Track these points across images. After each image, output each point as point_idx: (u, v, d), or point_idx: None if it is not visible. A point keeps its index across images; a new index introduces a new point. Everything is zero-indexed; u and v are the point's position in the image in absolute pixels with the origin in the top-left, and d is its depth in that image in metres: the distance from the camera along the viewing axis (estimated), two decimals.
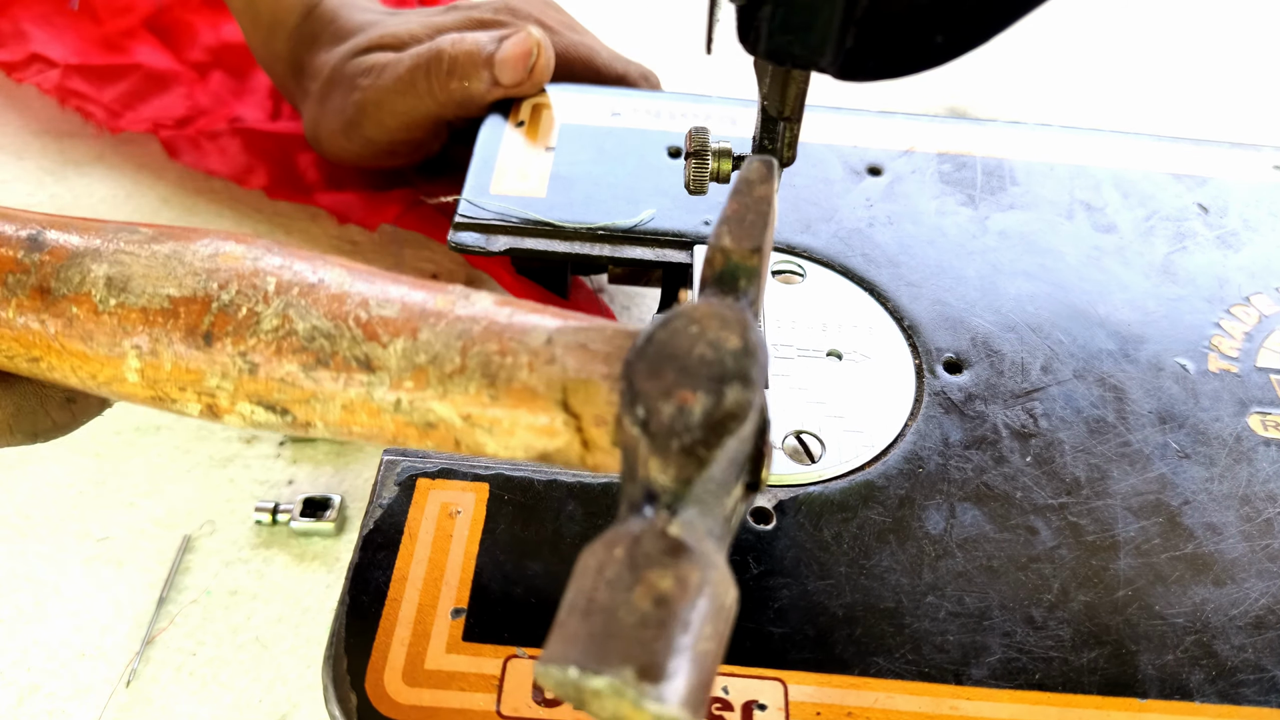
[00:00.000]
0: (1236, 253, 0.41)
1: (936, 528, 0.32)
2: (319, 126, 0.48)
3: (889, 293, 0.39)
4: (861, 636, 0.29)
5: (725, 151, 0.32)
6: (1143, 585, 0.31)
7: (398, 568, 0.30)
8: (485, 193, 0.41)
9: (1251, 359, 0.37)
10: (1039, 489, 0.33)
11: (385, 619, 0.29)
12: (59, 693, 0.35)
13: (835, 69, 0.24)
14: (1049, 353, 0.37)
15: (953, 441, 0.34)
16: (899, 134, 0.45)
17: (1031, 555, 0.31)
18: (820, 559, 0.31)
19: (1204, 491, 0.33)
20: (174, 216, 0.52)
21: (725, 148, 0.32)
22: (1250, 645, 0.30)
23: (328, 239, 0.51)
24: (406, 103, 0.45)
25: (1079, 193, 0.43)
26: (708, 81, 0.56)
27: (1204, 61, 0.69)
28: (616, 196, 0.41)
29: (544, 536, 0.31)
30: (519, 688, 0.28)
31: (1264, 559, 0.32)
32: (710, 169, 0.32)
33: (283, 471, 0.41)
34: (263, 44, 0.50)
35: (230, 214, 0.52)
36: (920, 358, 0.36)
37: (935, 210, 0.42)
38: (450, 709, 0.27)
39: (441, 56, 0.44)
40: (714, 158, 0.32)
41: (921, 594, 0.30)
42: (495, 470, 0.32)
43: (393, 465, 0.32)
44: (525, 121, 0.45)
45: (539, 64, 0.44)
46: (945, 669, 0.29)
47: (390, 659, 0.28)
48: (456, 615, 0.29)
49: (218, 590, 0.37)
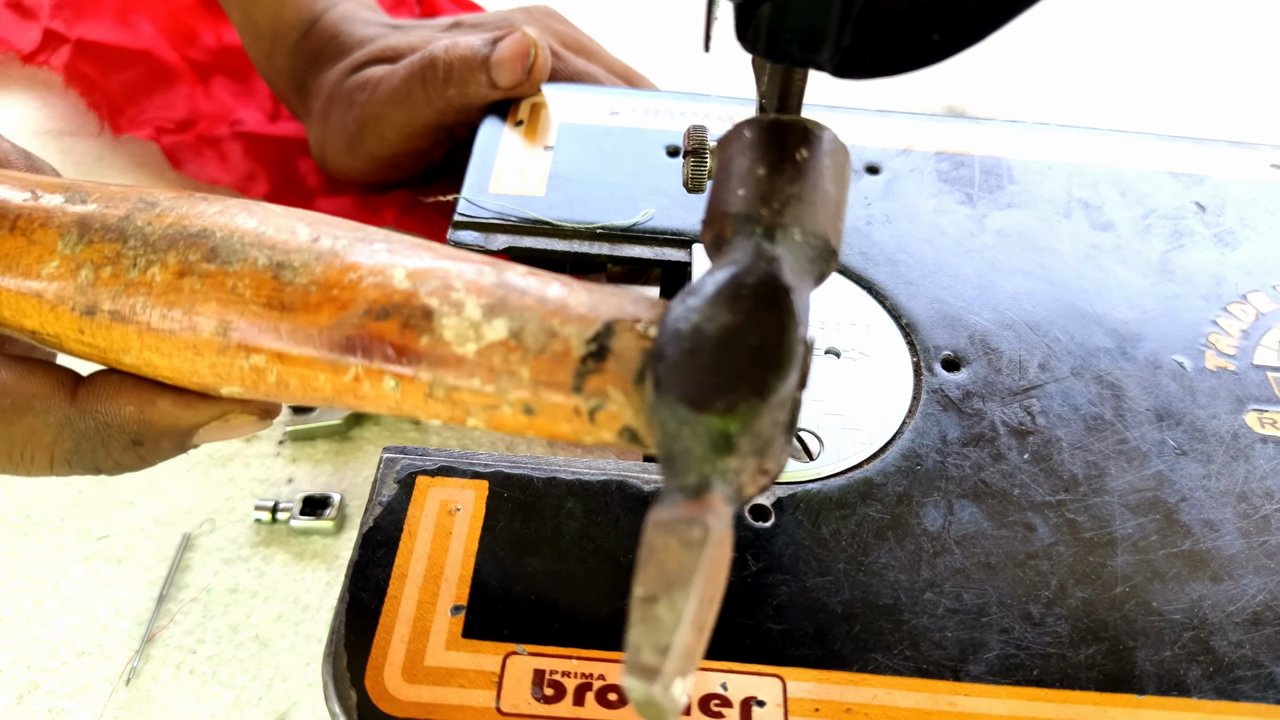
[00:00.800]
0: (1234, 251, 0.41)
1: (935, 525, 0.32)
2: (324, 146, 0.48)
3: (887, 291, 0.39)
4: (860, 633, 0.29)
5: None
6: (1140, 582, 0.31)
7: (397, 565, 0.30)
8: (484, 192, 0.41)
9: (1248, 356, 0.37)
10: (1037, 486, 0.33)
11: (385, 616, 0.29)
12: (59, 690, 0.35)
13: (832, 67, 0.25)
14: (1046, 350, 0.37)
15: (950, 439, 0.34)
16: (897, 133, 0.45)
17: (1029, 552, 0.31)
18: (819, 556, 0.31)
19: (1201, 488, 0.33)
20: None
21: None
22: (1247, 641, 0.30)
23: None
24: (404, 113, 0.44)
25: (1077, 191, 0.43)
26: (706, 80, 0.56)
27: (1201, 60, 0.69)
28: (615, 195, 0.41)
29: (543, 534, 0.31)
30: (518, 684, 0.28)
31: (1261, 555, 0.32)
32: (709, 167, 0.32)
33: (282, 470, 0.41)
34: (264, 58, 0.50)
35: None
36: (918, 355, 0.37)
37: (933, 209, 0.42)
38: (450, 705, 0.27)
39: (436, 63, 0.43)
40: (712, 156, 0.32)
41: (920, 591, 0.30)
42: (494, 468, 0.32)
43: (392, 463, 0.32)
44: (524, 121, 0.45)
45: (537, 64, 0.44)
46: (943, 665, 0.29)
47: (390, 656, 0.28)
48: (456, 612, 0.29)
49: (217, 588, 0.37)
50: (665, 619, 0.19)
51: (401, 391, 0.25)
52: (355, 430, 0.42)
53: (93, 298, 0.26)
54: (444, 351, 0.24)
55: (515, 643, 0.29)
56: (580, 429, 0.24)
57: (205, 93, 0.55)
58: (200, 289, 0.26)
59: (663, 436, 0.22)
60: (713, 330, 0.22)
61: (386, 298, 0.25)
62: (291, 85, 0.49)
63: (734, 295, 0.22)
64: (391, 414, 0.26)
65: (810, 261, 0.24)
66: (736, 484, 0.22)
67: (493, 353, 0.24)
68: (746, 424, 0.21)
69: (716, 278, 0.23)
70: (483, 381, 0.24)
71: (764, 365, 0.21)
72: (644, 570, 0.20)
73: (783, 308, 0.22)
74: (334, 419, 0.42)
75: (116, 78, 0.54)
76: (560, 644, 0.28)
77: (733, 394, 0.21)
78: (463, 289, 0.25)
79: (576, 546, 0.31)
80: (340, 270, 0.25)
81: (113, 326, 0.26)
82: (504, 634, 0.29)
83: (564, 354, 0.24)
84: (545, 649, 0.28)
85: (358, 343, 0.25)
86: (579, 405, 0.24)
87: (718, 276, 0.23)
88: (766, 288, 0.23)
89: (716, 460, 0.21)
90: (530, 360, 0.24)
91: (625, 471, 0.33)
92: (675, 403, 0.21)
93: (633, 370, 0.23)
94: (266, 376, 0.26)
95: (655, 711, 0.19)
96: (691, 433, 0.21)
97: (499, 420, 0.25)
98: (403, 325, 0.24)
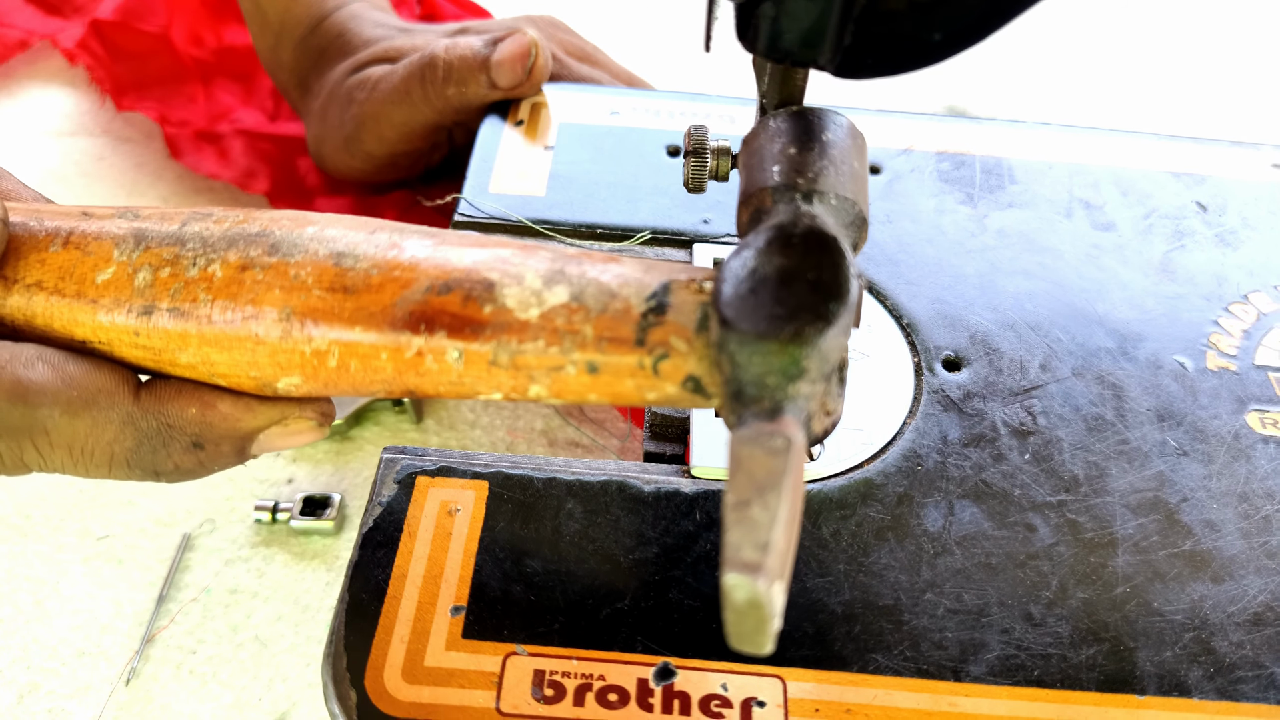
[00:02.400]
0: (1235, 251, 0.41)
1: (935, 525, 0.32)
2: (322, 144, 0.48)
3: (887, 291, 0.39)
4: (860, 634, 0.29)
5: (724, 150, 0.32)
6: (1141, 582, 0.31)
7: (397, 565, 0.30)
8: (484, 192, 0.41)
9: (1250, 357, 0.37)
10: (1037, 486, 0.33)
11: (385, 616, 0.29)
12: (59, 691, 0.35)
13: (833, 67, 0.25)
14: (1048, 350, 0.37)
15: (951, 439, 0.34)
16: (898, 133, 0.45)
17: (1030, 552, 0.31)
18: (819, 556, 0.31)
19: (1202, 489, 0.33)
20: None
21: (724, 146, 0.32)
22: (1249, 642, 0.30)
23: None
24: (403, 113, 0.44)
25: (1078, 191, 0.43)
26: (706, 80, 0.56)
27: (1203, 60, 0.69)
28: (615, 195, 0.41)
29: (543, 534, 0.31)
30: (518, 684, 0.28)
31: (1262, 556, 0.32)
32: (709, 167, 0.32)
33: (282, 470, 0.41)
34: (269, 50, 0.50)
35: None
36: (919, 356, 0.36)
37: (934, 209, 0.42)
38: (450, 706, 0.27)
39: (436, 63, 0.43)
40: (712, 156, 0.32)
41: (920, 591, 0.30)
42: (494, 468, 0.32)
43: (392, 463, 0.32)
44: (524, 121, 0.45)
45: (537, 65, 0.44)
46: (944, 666, 0.29)
47: (390, 656, 0.28)
48: (456, 613, 0.29)
49: (217, 589, 0.37)
50: (761, 519, 0.20)
51: (465, 362, 0.25)
52: (355, 430, 0.42)
53: (150, 298, 0.27)
54: (507, 318, 0.25)
55: (515, 643, 0.29)
56: (644, 384, 0.25)
57: (207, 93, 0.55)
58: (262, 279, 0.26)
59: (733, 371, 0.23)
60: (771, 270, 0.23)
61: (447, 275, 0.26)
62: (294, 80, 0.49)
63: (785, 243, 0.24)
64: (450, 393, 0.27)
65: (845, 226, 0.26)
66: (806, 413, 0.23)
67: (555, 315, 0.25)
68: (814, 347, 0.22)
69: (765, 233, 0.24)
70: (547, 343, 0.25)
71: (824, 294, 0.23)
72: (734, 480, 0.21)
73: (833, 247, 0.24)
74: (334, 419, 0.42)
75: (125, 61, 0.55)
76: (560, 644, 0.28)
77: (798, 320, 0.22)
78: (520, 264, 0.26)
79: (576, 547, 0.31)
80: (399, 256, 0.26)
81: (171, 326, 0.26)
82: (504, 634, 0.29)
83: (625, 311, 0.25)
84: (545, 649, 0.28)
85: (421, 318, 0.25)
86: (643, 359, 0.25)
87: (766, 233, 0.24)
88: (814, 234, 0.24)
89: (788, 385, 0.22)
90: (593, 319, 0.25)
91: (625, 472, 0.33)
92: (745, 335, 0.22)
93: (693, 320, 0.24)
94: (328, 361, 0.26)
95: (757, 617, 0.20)
96: (763, 361, 0.22)
97: (563, 383, 0.25)
98: (465, 297, 0.25)
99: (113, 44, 0.55)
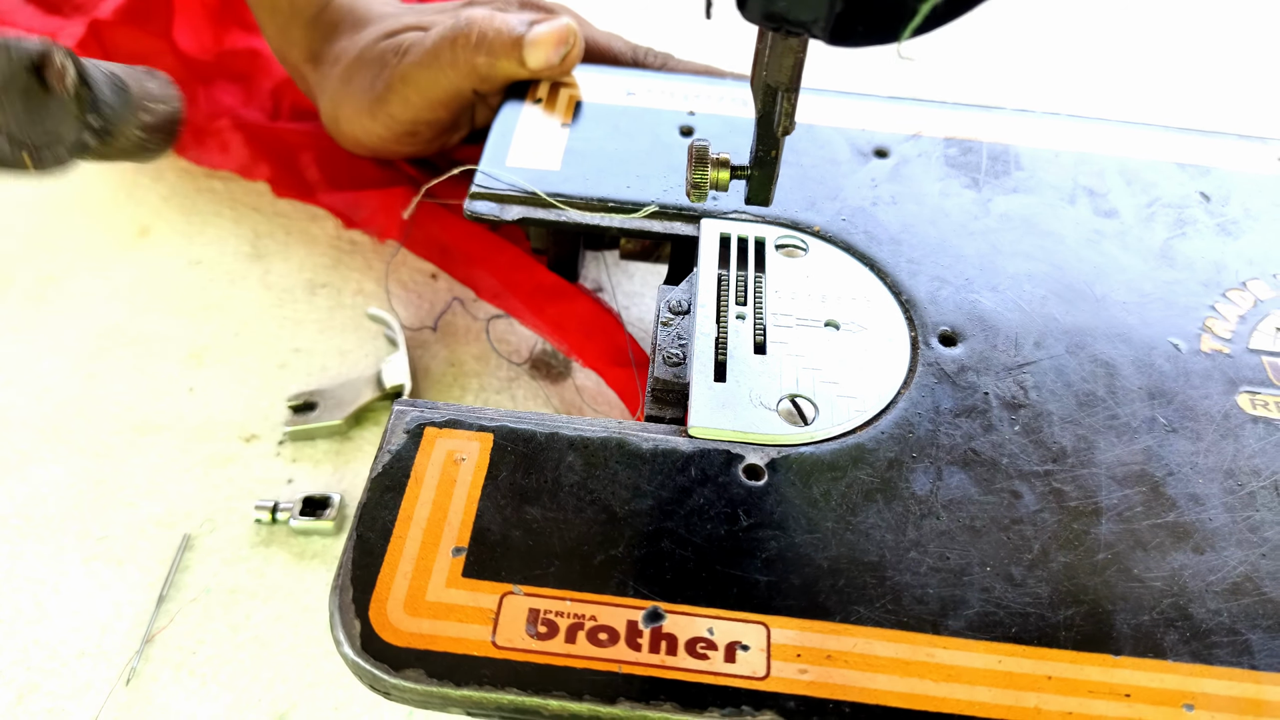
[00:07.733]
0: (1236, 240, 0.42)
1: (923, 489, 0.33)
2: (340, 108, 0.49)
3: (889, 268, 0.40)
4: (844, 587, 0.30)
5: (723, 162, 0.34)
6: (1123, 549, 0.32)
7: (403, 508, 0.31)
8: (501, 164, 0.43)
9: (1244, 341, 0.38)
10: (1025, 456, 0.34)
11: (390, 554, 0.30)
12: (59, 691, 0.35)
13: (826, 35, 0.26)
14: (1043, 329, 0.38)
15: (943, 409, 0.35)
16: (907, 118, 0.46)
17: (1014, 517, 0.32)
18: (808, 514, 0.32)
19: (1189, 464, 0.34)
20: (174, 215, 0.52)
21: (723, 158, 0.34)
22: (1226, 610, 0.30)
23: (327, 239, 0.52)
24: (430, 75, 0.45)
25: (1082, 179, 0.44)
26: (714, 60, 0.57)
27: (1213, 54, 0.69)
28: (629, 172, 0.43)
29: (543, 485, 0.32)
30: (514, 621, 0.29)
31: (1245, 529, 0.32)
32: (710, 179, 0.35)
33: (282, 470, 0.41)
34: (279, 32, 0.51)
35: (230, 213, 0.53)
36: (916, 330, 0.37)
37: (939, 192, 0.43)
38: (448, 638, 0.28)
39: (471, 29, 0.45)
40: (713, 168, 0.34)
41: (905, 550, 0.31)
42: (500, 423, 0.34)
43: (402, 414, 0.34)
44: (543, 99, 0.46)
45: (572, 54, 0.45)
46: (924, 619, 0.30)
47: (393, 591, 0.29)
48: (457, 553, 0.30)
49: (217, 589, 0.38)
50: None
51: None
52: (355, 430, 0.43)
53: None
54: None
55: (512, 583, 0.30)
56: None
57: (207, 94, 0.56)
58: None
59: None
60: None
61: None
62: (305, 54, 0.50)
63: None
64: None
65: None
66: None
67: None
68: None
69: None
70: None
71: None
72: None
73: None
74: (334, 419, 0.42)
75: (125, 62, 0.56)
76: (555, 586, 0.30)
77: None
78: None
79: (574, 497, 0.32)
80: None
81: None
82: (501, 575, 0.30)
83: None
84: (541, 590, 0.30)
85: None
86: None
87: None
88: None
89: None
90: None
91: (625, 430, 0.34)
92: None
93: None
94: None
95: None
96: None
97: None
98: None
99: (113, 44, 0.56)
